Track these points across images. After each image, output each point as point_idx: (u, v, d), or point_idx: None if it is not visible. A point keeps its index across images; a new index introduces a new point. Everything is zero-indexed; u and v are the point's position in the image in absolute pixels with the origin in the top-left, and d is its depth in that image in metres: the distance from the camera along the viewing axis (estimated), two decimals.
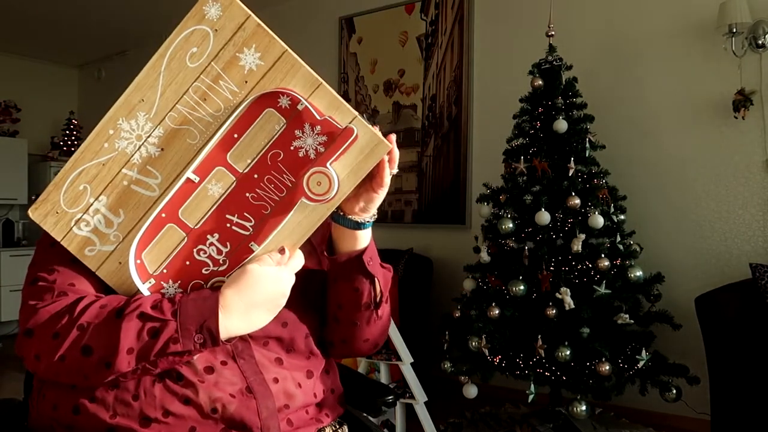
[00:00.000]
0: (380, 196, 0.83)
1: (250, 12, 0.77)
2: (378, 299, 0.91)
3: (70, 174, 0.79)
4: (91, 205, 0.79)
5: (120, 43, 5.24)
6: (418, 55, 3.61)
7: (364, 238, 0.87)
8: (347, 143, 0.77)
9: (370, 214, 0.85)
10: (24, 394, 1.02)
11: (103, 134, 0.79)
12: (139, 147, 0.79)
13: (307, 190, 0.78)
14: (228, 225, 0.80)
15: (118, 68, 5.53)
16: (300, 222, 0.80)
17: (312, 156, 0.78)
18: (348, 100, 3.90)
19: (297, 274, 0.81)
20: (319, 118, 0.77)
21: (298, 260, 0.81)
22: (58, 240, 0.79)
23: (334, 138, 0.77)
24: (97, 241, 0.80)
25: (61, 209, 0.79)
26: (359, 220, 0.85)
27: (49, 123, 5.71)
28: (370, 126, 0.78)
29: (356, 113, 0.78)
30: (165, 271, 0.80)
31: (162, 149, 0.79)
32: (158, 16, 4.56)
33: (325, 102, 0.77)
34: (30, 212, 0.80)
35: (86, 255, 0.80)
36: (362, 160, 0.78)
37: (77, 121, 5.72)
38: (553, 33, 2.59)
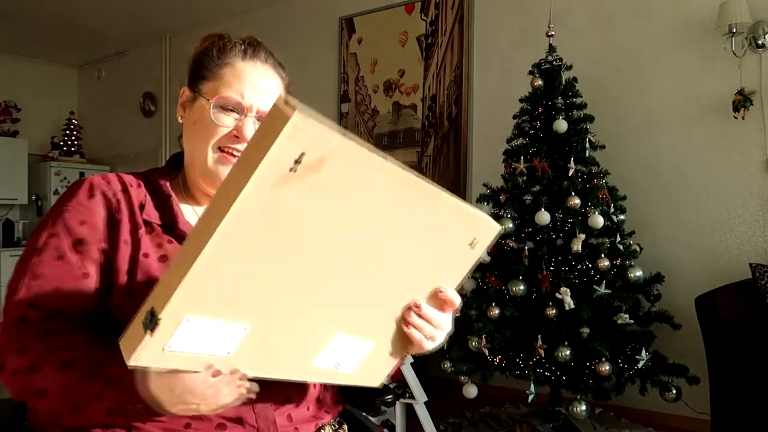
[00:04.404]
0: None
1: None
2: None
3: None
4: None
5: (120, 43, 5.24)
6: (418, 55, 3.61)
7: None
8: None
9: None
10: None
11: None
12: None
13: None
14: None
15: (118, 68, 5.53)
16: None
17: None
18: (348, 101, 3.89)
19: None
20: None
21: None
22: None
23: None
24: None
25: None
26: None
27: (49, 123, 5.71)
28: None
29: None
30: None
31: None
32: (158, 17, 4.56)
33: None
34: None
35: None
36: None
37: (77, 121, 5.72)
38: (553, 33, 2.59)
